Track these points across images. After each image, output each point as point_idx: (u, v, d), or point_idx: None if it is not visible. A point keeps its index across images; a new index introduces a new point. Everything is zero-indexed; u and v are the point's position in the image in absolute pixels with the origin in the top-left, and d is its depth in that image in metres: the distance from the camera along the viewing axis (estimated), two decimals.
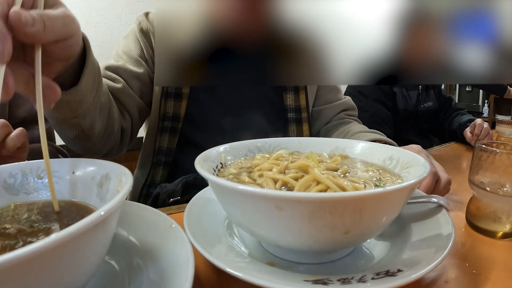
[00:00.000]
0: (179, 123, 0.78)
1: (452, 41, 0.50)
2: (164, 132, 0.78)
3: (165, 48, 0.53)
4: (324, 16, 0.50)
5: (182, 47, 0.52)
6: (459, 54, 0.50)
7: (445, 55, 0.51)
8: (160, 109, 0.77)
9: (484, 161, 0.46)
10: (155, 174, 0.79)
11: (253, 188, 0.29)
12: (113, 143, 0.69)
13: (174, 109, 0.78)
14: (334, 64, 0.51)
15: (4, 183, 0.35)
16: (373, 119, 1.32)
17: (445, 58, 0.51)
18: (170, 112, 0.78)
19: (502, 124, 1.33)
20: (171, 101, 0.77)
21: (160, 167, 0.79)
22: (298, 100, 0.85)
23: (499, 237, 0.45)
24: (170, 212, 0.52)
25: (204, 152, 0.41)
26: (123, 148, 0.76)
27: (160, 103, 0.77)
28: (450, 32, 0.50)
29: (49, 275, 0.21)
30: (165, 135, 0.78)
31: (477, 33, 0.50)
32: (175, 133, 0.78)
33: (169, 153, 0.79)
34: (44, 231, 0.29)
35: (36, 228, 0.30)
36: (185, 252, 0.30)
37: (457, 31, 0.50)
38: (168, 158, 0.79)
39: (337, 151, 0.49)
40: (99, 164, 0.36)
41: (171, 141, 0.78)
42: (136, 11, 0.82)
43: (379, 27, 0.50)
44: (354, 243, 0.36)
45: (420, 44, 0.51)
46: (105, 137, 0.65)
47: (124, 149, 0.76)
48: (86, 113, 0.54)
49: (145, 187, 0.80)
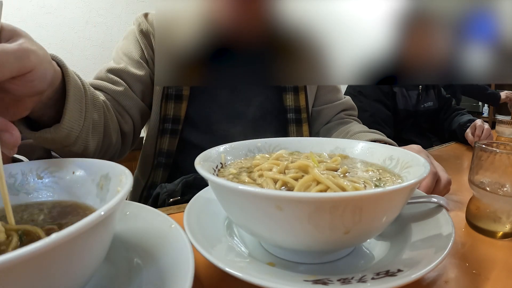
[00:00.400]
0: (179, 125, 0.78)
1: (452, 41, 0.50)
2: (165, 134, 0.78)
3: (165, 48, 0.53)
4: (324, 16, 0.50)
5: (182, 47, 0.52)
6: (459, 54, 0.50)
7: (445, 55, 0.51)
8: (161, 111, 0.77)
9: (484, 161, 0.46)
10: (155, 176, 0.79)
11: (253, 188, 0.29)
12: (112, 152, 0.69)
13: (174, 111, 0.77)
14: (334, 64, 0.51)
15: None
16: (373, 119, 1.32)
17: (445, 58, 0.51)
18: (170, 114, 0.77)
19: (502, 124, 1.33)
20: (171, 103, 0.77)
21: (160, 169, 0.79)
22: (297, 101, 0.85)
23: (499, 237, 0.45)
24: (170, 212, 0.52)
25: (204, 152, 0.41)
26: (125, 151, 0.75)
27: (161, 105, 0.77)
28: (450, 32, 0.50)
29: (49, 275, 0.21)
30: (165, 137, 0.78)
31: (478, 32, 0.50)
32: (175, 135, 0.78)
33: (169, 155, 0.79)
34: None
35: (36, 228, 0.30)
36: (185, 252, 0.30)
37: (457, 31, 0.50)
38: (168, 160, 0.79)
39: (337, 151, 0.49)
40: (99, 164, 0.36)
41: (171, 143, 0.78)
42: (136, 11, 0.82)
43: (379, 27, 0.50)
44: (354, 243, 0.36)
45: (420, 44, 0.51)
46: (102, 151, 0.63)
47: (127, 152, 0.76)
48: (76, 141, 0.51)
49: (145, 189, 0.80)
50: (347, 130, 0.83)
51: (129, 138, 0.73)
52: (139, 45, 0.77)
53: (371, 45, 0.50)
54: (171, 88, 0.77)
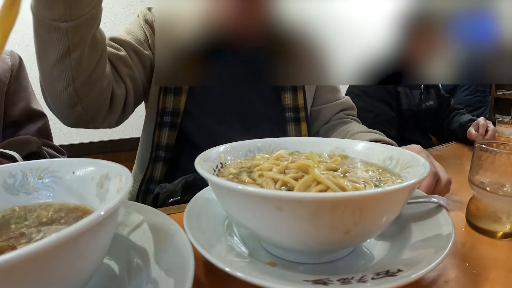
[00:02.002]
0: (178, 118, 0.78)
1: (454, 41, 0.50)
2: (164, 127, 0.78)
3: (164, 48, 0.53)
4: (326, 15, 0.50)
5: (181, 47, 0.52)
6: (462, 54, 0.50)
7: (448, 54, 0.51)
8: (159, 103, 0.77)
9: (484, 161, 0.46)
10: (154, 169, 0.79)
11: (253, 188, 0.29)
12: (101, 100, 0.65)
13: (174, 104, 0.77)
14: (335, 64, 0.51)
15: (4, 183, 0.35)
16: (377, 120, 1.31)
17: (447, 58, 0.51)
18: (169, 107, 0.77)
19: (502, 124, 1.33)
20: (170, 96, 0.77)
21: (159, 162, 0.79)
22: (296, 100, 0.85)
23: (499, 237, 0.45)
24: (170, 212, 0.52)
25: (204, 152, 0.41)
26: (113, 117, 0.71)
27: (159, 98, 0.77)
28: (453, 31, 0.50)
29: (49, 275, 0.21)
30: (164, 130, 0.78)
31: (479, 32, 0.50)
32: (174, 128, 0.78)
33: (168, 149, 0.78)
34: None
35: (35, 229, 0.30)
36: (185, 252, 0.30)
37: (459, 30, 0.50)
38: (167, 154, 0.79)
39: (337, 151, 0.49)
40: (99, 164, 0.36)
41: (171, 136, 0.78)
42: (136, 11, 0.82)
43: (381, 26, 0.50)
44: (354, 243, 0.36)
45: (423, 43, 0.51)
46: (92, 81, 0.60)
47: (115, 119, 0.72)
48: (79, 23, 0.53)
49: (144, 183, 0.80)
50: (347, 130, 0.83)
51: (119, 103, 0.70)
52: (143, 31, 0.77)
53: (373, 44, 0.50)
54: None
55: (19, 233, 0.29)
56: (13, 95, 0.75)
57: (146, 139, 0.83)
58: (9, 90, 0.74)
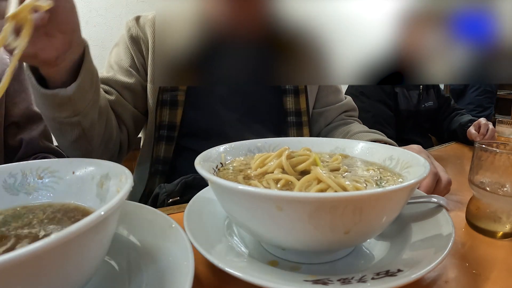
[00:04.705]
0: (175, 131, 0.77)
1: (455, 41, 0.50)
2: (160, 141, 0.77)
3: (164, 48, 0.53)
4: (326, 15, 0.50)
5: (181, 47, 0.52)
6: (462, 54, 0.50)
7: (448, 54, 0.51)
8: (156, 118, 0.77)
9: (484, 161, 0.46)
10: (153, 184, 0.79)
11: (253, 188, 0.29)
12: (112, 150, 0.70)
13: (169, 117, 0.77)
14: (336, 64, 0.51)
15: (4, 183, 0.35)
16: (376, 120, 1.32)
17: (447, 58, 0.51)
18: (165, 121, 0.77)
19: (502, 124, 1.33)
20: (166, 109, 0.77)
21: (157, 176, 0.79)
22: (298, 103, 0.84)
23: (499, 237, 0.45)
24: (170, 212, 0.52)
25: (204, 152, 0.41)
26: (122, 157, 0.77)
27: (156, 112, 0.77)
28: (453, 31, 0.50)
29: (49, 275, 0.21)
30: (161, 144, 0.77)
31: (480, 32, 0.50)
32: (171, 141, 0.78)
33: (165, 162, 0.78)
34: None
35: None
36: (185, 252, 0.30)
37: (460, 30, 0.50)
38: (164, 167, 0.78)
39: (337, 151, 0.49)
40: (99, 164, 0.36)
41: (167, 150, 0.78)
42: (136, 12, 0.81)
43: (382, 26, 0.50)
44: (354, 243, 0.36)
45: (423, 43, 0.51)
46: (104, 141, 0.65)
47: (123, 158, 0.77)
48: (87, 111, 0.56)
49: (143, 197, 0.80)
50: (347, 130, 0.83)
51: (124, 147, 0.76)
52: (130, 53, 0.77)
53: (374, 44, 0.50)
54: (166, 94, 0.76)
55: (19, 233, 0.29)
56: (13, 95, 0.75)
57: (144, 154, 0.83)
58: (9, 90, 0.74)
